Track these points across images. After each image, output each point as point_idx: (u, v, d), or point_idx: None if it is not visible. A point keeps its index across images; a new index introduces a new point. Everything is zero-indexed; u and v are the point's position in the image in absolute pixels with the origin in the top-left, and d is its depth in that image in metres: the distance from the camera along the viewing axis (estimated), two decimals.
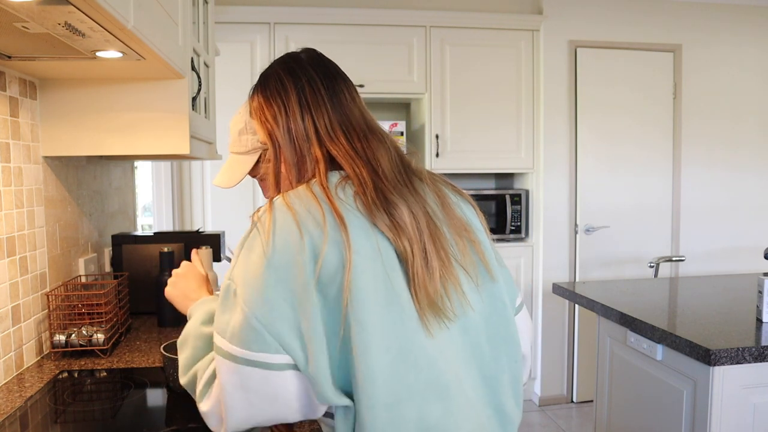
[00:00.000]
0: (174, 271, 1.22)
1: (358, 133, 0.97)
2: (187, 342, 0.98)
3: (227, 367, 0.83)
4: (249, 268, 0.84)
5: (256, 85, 1.05)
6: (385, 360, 0.82)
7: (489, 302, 0.94)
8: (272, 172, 1.01)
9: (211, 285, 1.91)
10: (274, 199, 0.89)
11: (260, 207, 0.91)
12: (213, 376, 0.88)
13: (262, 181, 1.34)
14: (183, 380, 0.95)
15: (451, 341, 0.89)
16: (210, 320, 0.97)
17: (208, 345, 0.94)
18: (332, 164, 0.94)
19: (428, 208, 0.93)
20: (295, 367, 0.82)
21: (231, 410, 0.83)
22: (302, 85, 0.98)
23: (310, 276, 0.83)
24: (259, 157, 1.30)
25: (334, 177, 0.92)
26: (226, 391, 0.83)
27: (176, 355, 1.31)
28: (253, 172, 1.32)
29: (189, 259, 1.65)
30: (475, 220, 1.00)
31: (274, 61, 1.05)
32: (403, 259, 0.87)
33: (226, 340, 0.83)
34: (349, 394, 0.83)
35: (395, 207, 0.89)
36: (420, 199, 0.93)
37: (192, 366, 0.95)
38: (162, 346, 1.34)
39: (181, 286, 1.18)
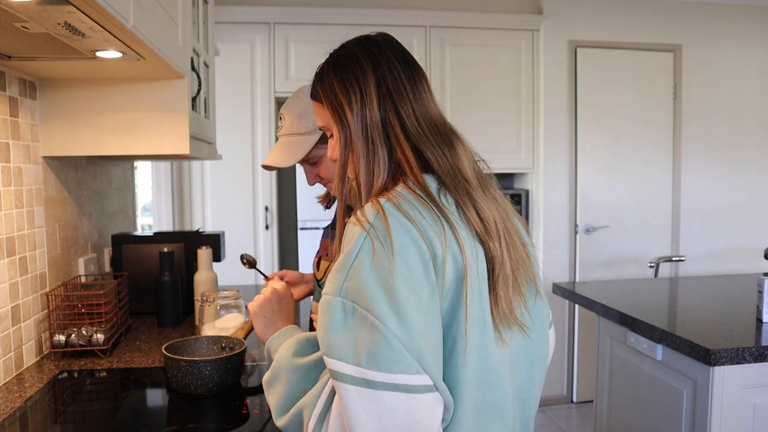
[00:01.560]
0: (273, 287, 1.13)
1: (440, 131, 0.91)
2: (279, 377, 0.89)
3: (360, 394, 0.73)
4: (372, 281, 0.76)
5: (327, 64, 0.95)
6: (473, 375, 0.80)
7: (536, 317, 0.93)
8: (340, 163, 0.92)
9: (210, 285, 1.92)
10: (382, 202, 0.81)
11: (359, 210, 0.82)
12: (326, 411, 0.80)
13: (313, 165, 1.35)
14: (281, 421, 0.87)
15: (514, 356, 0.88)
16: (302, 351, 0.91)
17: (303, 378, 0.87)
18: (419, 163, 0.88)
19: (503, 215, 0.90)
20: (434, 389, 0.75)
21: None
22: (382, 71, 0.90)
23: (434, 286, 0.78)
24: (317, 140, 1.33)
25: (431, 180, 0.86)
26: (359, 421, 0.74)
27: (177, 355, 1.31)
28: (308, 157, 1.33)
29: (189, 260, 1.64)
30: (524, 233, 0.98)
31: (348, 41, 0.96)
32: (490, 264, 0.84)
33: (357, 365, 0.74)
34: None
35: (483, 211, 0.86)
36: (496, 204, 0.90)
37: (292, 403, 0.86)
38: (163, 346, 1.34)
39: (272, 309, 1.10)
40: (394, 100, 0.89)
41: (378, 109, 0.89)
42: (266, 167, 1.40)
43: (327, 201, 1.54)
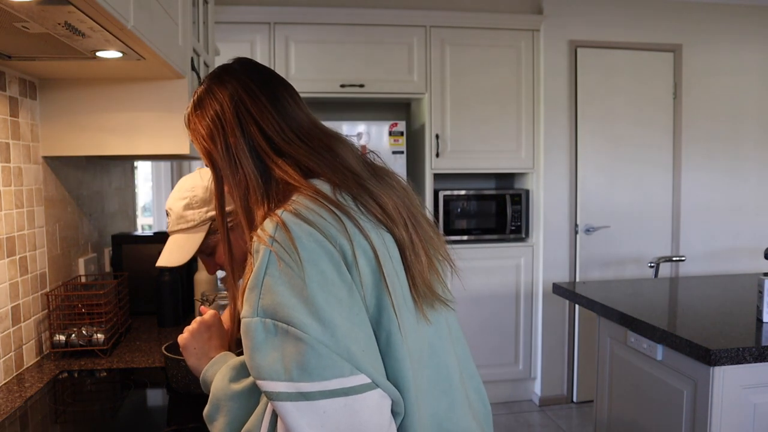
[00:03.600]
0: (200, 319, 1.10)
1: (312, 136, 0.91)
2: (220, 407, 0.87)
3: (299, 409, 0.72)
4: (286, 293, 0.75)
5: (190, 107, 0.97)
6: (409, 361, 0.81)
7: (451, 299, 0.95)
8: (216, 196, 0.94)
9: (210, 285, 1.92)
10: (279, 213, 0.80)
11: (259, 228, 0.81)
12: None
13: (209, 256, 1.28)
14: None
15: (441, 332, 0.89)
16: (238, 376, 0.88)
17: (244, 404, 0.84)
18: (300, 172, 0.88)
19: (405, 200, 0.91)
20: (374, 386, 0.74)
21: None
22: (239, 96, 0.91)
23: (350, 284, 0.78)
24: (208, 229, 1.27)
25: (321, 183, 0.86)
26: None
27: (177, 355, 1.31)
28: (201, 249, 1.26)
29: (189, 260, 1.62)
30: (430, 216, 1.00)
31: (205, 77, 0.97)
32: (400, 248, 0.85)
33: (289, 381, 0.72)
34: None
35: (380, 198, 0.87)
36: (394, 191, 0.91)
37: (238, 427, 0.83)
38: (163, 346, 1.34)
39: (202, 339, 1.06)
40: (257, 119, 0.90)
41: (242, 135, 0.89)
42: (162, 267, 1.37)
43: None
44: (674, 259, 3.35)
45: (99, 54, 1.25)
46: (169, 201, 1.32)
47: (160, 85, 1.59)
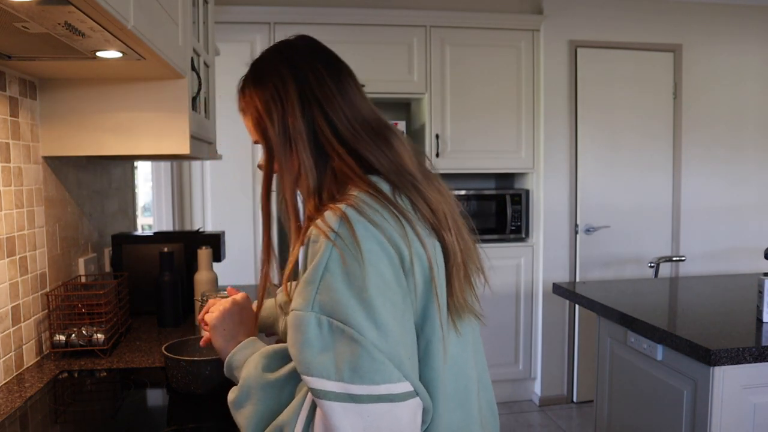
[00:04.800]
0: (232, 300, 1.06)
1: (374, 129, 0.88)
2: (250, 395, 0.84)
3: (346, 410, 0.71)
4: (345, 293, 0.73)
5: (246, 78, 0.93)
6: (442, 372, 0.81)
7: (481, 311, 0.94)
8: (265, 175, 0.91)
9: (210, 285, 1.92)
10: (343, 208, 0.78)
11: (319, 219, 0.79)
12: (307, 427, 0.77)
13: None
14: None
15: (466, 343, 0.89)
16: (271, 365, 0.86)
17: (276, 395, 0.83)
18: (360, 165, 0.85)
19: (451, 206, 0.90)
20: (414, 394, 0.74)
21: None
22: (304, 77, 0.87)
23: (405, 290, 0.77)
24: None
25: (380, 181, 0.84)
26: None
27: (177, 355, 1.31)
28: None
29: (189, 260, 1.64)
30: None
31: (267, 49, 0.93)
32: (445, 255, 0.84)
33: (340, 381, 0.72)
34: None
35: (432, 203, 0.85)
36: (442, 196, 0.89)
37: (267, 422, 0.82)
38: (163, 346, 1.34)
39: (233, 322, 1.02)
40: (323, 105, 0.86)
41: (302, 117, 0.86)
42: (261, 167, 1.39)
43: None
44: (674, 259, 3.35)
45: (99, 54, 1.25)
46: None
47: (160, 85, 1.59)
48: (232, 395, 0.87)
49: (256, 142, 0.94)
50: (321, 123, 0.86)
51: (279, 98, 0.87)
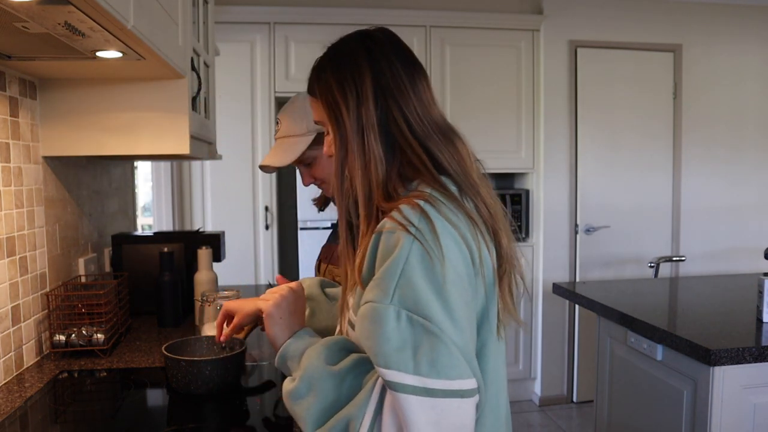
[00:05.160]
0: (290, 287, 1.03)
1: (442, 130, 0.89)
2: (311, 386, 0.83)
3: (422, 404, 0.72)
4: (426, 288, 0.74)
5: (324, 60, 0.93)
6: (489, 374, 0.83)
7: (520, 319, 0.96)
8: (336, 161, 0.89)
9: (210, 285, 1.91)
10: (421, 203, 0.79)
11: (395, 213, 0.79)
12: (375, 420, 0.77)
13: (307, 166, 1.40)
14: None
15: (502, 350, 0.90)
16: (334, 358, 0.85)
17: (338, 387, 0.82)
18: (432, 163, 0.86)
19: (504, 212, 0.91)
20: (477, 391, 0.75)
21: None
22: (380, 69, 0.88)
23: (474, 290, 0.79)
24: (314, 140, 1.38)
25: (448, 182, 0.85)
26: (419, 430, 0.72)
27: (177, 355, 1.31)
28: (302, 157, 1.38)
29: (189, 260, 1.64)
30: None
31: (347, 36, 0.94)
32: (499, 260, 0.85)
33: (418, 375, 0.72)
34: None
35: (492, 207, 0.87)
36: (497, 202, 0.90)
37: (329, 413, 0.81)
38: (163, 346, 1.34)
39: (289, 311, 0.99)
40: (396, 98, 0.87)
41: (375, 108, 0.86)
42: (263, 168, 1.44)
43: (321, 203, 1.57)
44: (674, 259, 3.35)
45: (99, 54, 1.25)
46: (282, 112, 1.44)
47: (160, 85, 1.59)
48: (289, 386, 0.86)
49: (317, 123, 0.96)
50: (395, 115, 0.87)
51: (355, 87, 0.87)
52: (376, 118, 0.86)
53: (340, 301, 0.95)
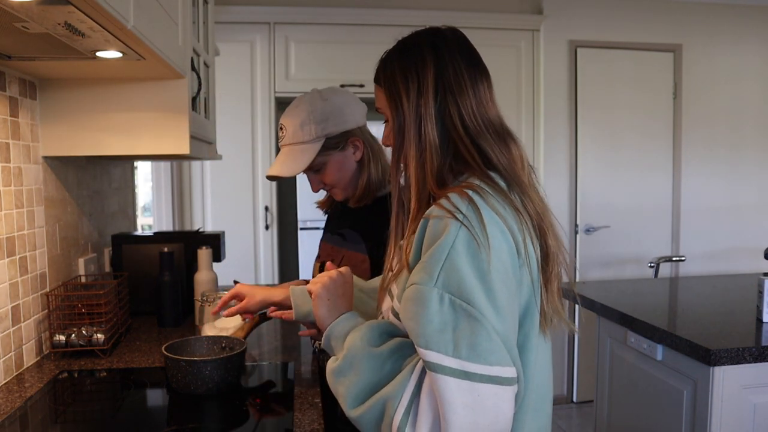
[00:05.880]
0: (338, 272, 1.05)
1: (497, 132, 0.92)
2: (353, 366, 0.86)
3: (459, 386, 0.74)
4: (470, 273, 0.76)
5: (392, 51, 0.97)
6: (531, 369, 0.84)
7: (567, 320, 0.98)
8: (394, 150, 0.94)
9: (210, 285, 1.91)
10: (470, 193, 0.82)
11: (443, 200, 0.81)
12: (412, 402, 0.78)
13: (316, 173, 1.39)
14: (356, 411, 0.83)
15: (549, 349, 0.93)
16: (377, 340, 0.87)
17: (379, 368, 0.84)
18: (481, 158, 0.89)
19: (552, 215, 0.94)
20: (516, 381, 0.77)
21: None
22: (444, 65, 0.91)
23: (518, 281, 0.81)
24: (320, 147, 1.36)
25: (497, 177, 0.88)
26: (455, 413, 0.73)
27: (177, 355, 1.31)
28: (311, 164, 1.37)
29: (189, 260, 1.64)
30: None
31: (418, 31, 0.98)
32: (544, 260, 0.87)
33: (457, 357, 0.74)
34: None
35: (539, 206, 0.90)
36: (544, 205, 0.93)
37: (368, 393, 0.83)
38: (163, 346, 1.34)
39: (337, 294, 1.01)
40: (455, 94, 0.91)
41: (434, 101, 0.90)
42: (271, 177, 1.41)
43: (327, 206, 1.55)
44: (674, 259, 3.35)
45: (99, 54, 1.25)
46: (285, 117, 1.40)
47: (160, 85, 1.59)
48: (333, 364, 0.89)
49: (378, 110, 0.99)
50: (451, 110, 0.90)
51: (417, 79, 0.91)
52: (434, 111, 0.90)
53: (379, 290, 0.98)
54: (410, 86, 0.91)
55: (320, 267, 1.51)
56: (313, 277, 1.51)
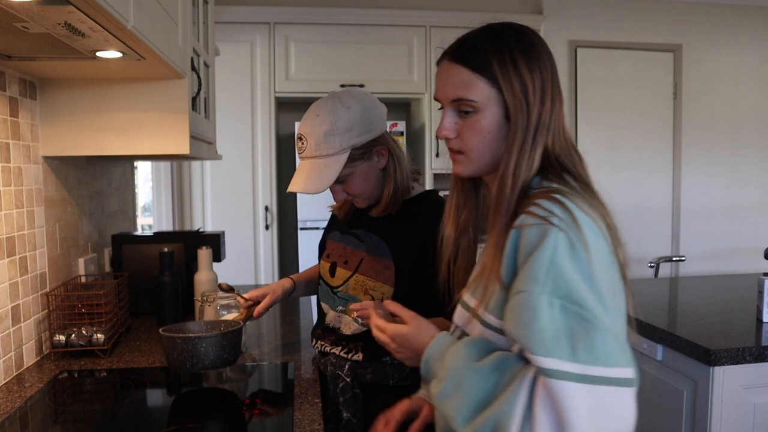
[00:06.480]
0: (399, 330, 0.98)
1: (570, 142, 0.93)
2: (458, 385, 0.82)
3: (580, 391, 0.72)
4: (576, 277, 0.75)
5: (509, 40, 0.92)
6: None
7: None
8: (489, 142, 0.89)
9: (210, 285, 1.92)
10: (560, 198, 0.81)
11: (533, 207, 0.80)
12: (527, 414, 0.75)
13: (339, 183, 1.31)
14: (468, 429, 0.80)
15: None
16: (477, 355, 0.84)
17: (483, 382, 0.81)
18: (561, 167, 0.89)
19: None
20: (635, 382, 0.76)
21: None
22: (553, 71, 0.90)
23: (616, 281, 0.80)
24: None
25: (570, 179, 0.88)
26: (580, 419, 0.72)
27: (173, 334, 1.31)
28: (339, 176, 1.28)
29: (189, 260, 1.63)
30: None
31: (517, 25, 0.95)
32: (621, 271, 0.86)
33: (575, 362, 0.73)
34: None
35: (610, 216, 0.89)
36: (607, 211, 0.92)
37: (476, 409, 0.80)
38: (161, 328, 1.34)
39: (417, 340, 0.96)
40: (555, 103, 0.90)
41: (542, 105, 0.88)
42: (292, 192, 1.34)
43: (345, 212, 1.47)
44: (674, 259, 3.35)
45: (99, 54, 1.24)
46: (305, 127, 1.30)
47: (160, 85, 1.59)
48: (437, 387, 0.86)
49: (459, 99, 0.91)
50: (552, 118, 0.89)
51: (542, 84, 0.89)
52: (538, 116, 0.87)
53: (456, 303, 0.96)
54: (531, 91, 0.87)
55: (331, 267, 1.46)
56: (322, 277, 1.49)
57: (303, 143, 1.30)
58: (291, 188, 1.31)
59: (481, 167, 0.92)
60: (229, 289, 1.59)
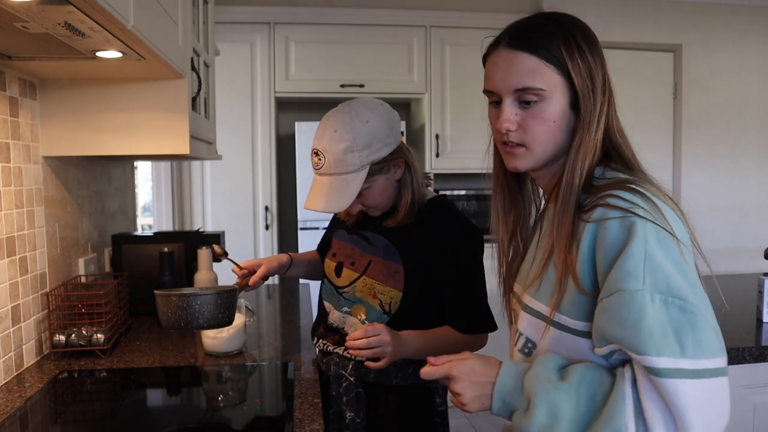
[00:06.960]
0: (464, 360, 0.88)
1: (625, 139, 0.92)
2: (553, 410, 0.78)
3: (693, 386, 0.70)
4: (671, 269, 0.74)
5: (573, 31, 0.87)
6: None
7: None
8: (555, 131, 0.86)
9: (210, 285, 1.92)
10: (641, 189, 0.79)
11: (613, 199, 0.78)
12: (640, 420, 0.73)
13: (359, 196, 1.27)
14: None
15: None
16: (559, 374, 0.80)
17: (574, 399, 0.78)
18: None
19: None
20: (728, 369, 0.74)
21: None
22: (603, 55, 0.89)
23: (696, 270, 0.79)
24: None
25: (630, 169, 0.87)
26: (694, 414, 0.70)
27: (168, 291, 1.31)
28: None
29: (189, 260, 1.61)
30: None
31: (581, 23, 0.91)
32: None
33: (685, 357, 0.71)
34: None
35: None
36: None
37: (584, 428, 0.77)
38: (155, 291, 1.34)
39: (477, 383, 0.86)
40: (611, 98, 0.88)
41: (603, 92, 0.87)
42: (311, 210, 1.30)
43: (353, 221, 1.45)
44: None
45: (99, 54, 1.25)
46: (322, 142, 1.26)
47: (160, 85, 1.59)
48: (526, 419, 0.80)
49: (527, 89, 0.86)
50: (612, 112, 0.89)
51: (602, 72, 0.88)
52: (605, 111, 0.87)
53: (517, 302, 0.95)
54: (587, 83, 0.85)
55: (337, 267, 1.44)
56: (327, 275, 1.48)
57: (320, 159, 1.26)
58: (310, 206, 1.27)
59: (541, 160, 0.88)
60: (224, 253, 1.58)
